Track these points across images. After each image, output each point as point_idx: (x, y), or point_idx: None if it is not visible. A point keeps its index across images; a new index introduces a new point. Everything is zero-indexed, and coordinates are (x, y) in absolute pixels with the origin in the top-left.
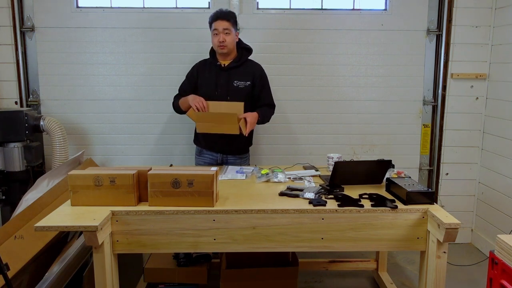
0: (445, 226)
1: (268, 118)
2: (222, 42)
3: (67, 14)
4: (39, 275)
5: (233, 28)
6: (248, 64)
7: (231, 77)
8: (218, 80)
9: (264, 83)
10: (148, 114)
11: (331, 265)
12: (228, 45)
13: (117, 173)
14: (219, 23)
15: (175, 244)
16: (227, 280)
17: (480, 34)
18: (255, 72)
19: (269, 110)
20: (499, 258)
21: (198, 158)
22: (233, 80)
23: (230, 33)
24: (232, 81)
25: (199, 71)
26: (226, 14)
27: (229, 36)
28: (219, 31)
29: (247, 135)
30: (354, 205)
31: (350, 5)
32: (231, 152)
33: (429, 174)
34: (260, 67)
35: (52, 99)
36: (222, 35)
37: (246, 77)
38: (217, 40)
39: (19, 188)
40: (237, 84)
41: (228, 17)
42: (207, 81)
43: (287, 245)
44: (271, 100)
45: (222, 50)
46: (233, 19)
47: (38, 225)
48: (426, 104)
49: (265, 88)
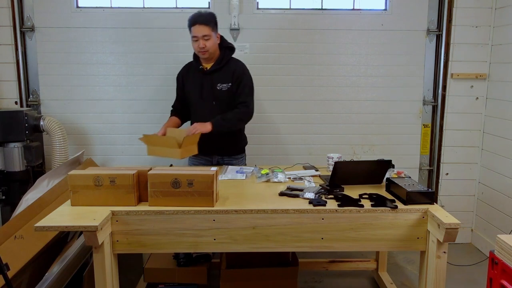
0: (445, 226)
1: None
2: (202, 48)
3: (67, 14)
4: (39, 275)
5: (213, 32)
6: (230, 65)
7: (214, 81)
8: (202, 84)
9: (241, 80)
10: (148, 114)
11: (331, 265)
12: (209, 50)
13: (117, 173)
14: (198, 28)
15: (175, 244)
16: (227, 280)
17: (480, 34)
18: (234, 71)
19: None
20: (499, 258)
21: (192, 159)
22: (216, 83)
23: (210, 38)
24: (216, 85)
25: (184, 77)
26: (204, 19)
27: (209, 41)
28: (198, 37)
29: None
30: (354, 205)
31: (350, 5)
32: (224, 153)
33: (429, 174)
34: (241, 65)
35: (52, 99)
36: (201, 41)
37: (227, 79)
38: (197, 46)
39: (19, 188)
40: (220, 87)
41: (206, 22)
42: (192, 87)
43: (287, 245)
44: (244, 98)
45: (203, 56)
46: (213, 22)
47: (38, 225)
48: (426, 104)
49: (240, 86)
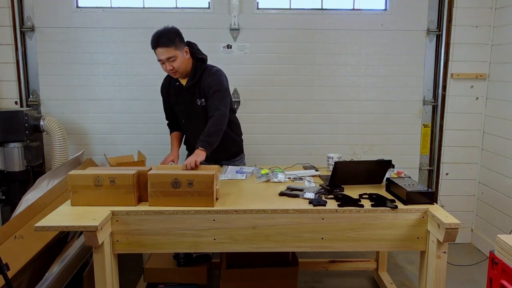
0: (445, 226)
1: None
2: (170, 70)
3: (67, 14)
4: (39, 275)
5: (179, 50)
6: (203, 78)
7: (193, 97)
8: (184, 100)
9: (209, 89)
10: (148, 114)
11: (331, 265)
12: (179, 69)
13: (117, 173)
14: (160, 51)
15: (175, 244)
16: (227, 280)
17: (480, 34)
18: (205, 86)
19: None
20: (499, 258)
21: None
22: (195, 99)
23: (176, 58)
24: (196, 100)
25: (167, 90)
26: (165, 40)
27: (176, 62)
28: (163, 60)
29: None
30: (354, 205)
31: (350, 5)
32: (222, 159)
33: (429, 174)
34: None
35: (52, 99)
36: (167, 64)
37: (202, 94)
38: (165, 68)
39: (19, 188)
40: (199, 102)
41: (168, 43)
42: (176, 102)
43: (287, 245)
44: (213, 103)
45: (175, 76)
46: (173, 41)
47: (38, 225)
48: (426, 104)
49: (209, 94)
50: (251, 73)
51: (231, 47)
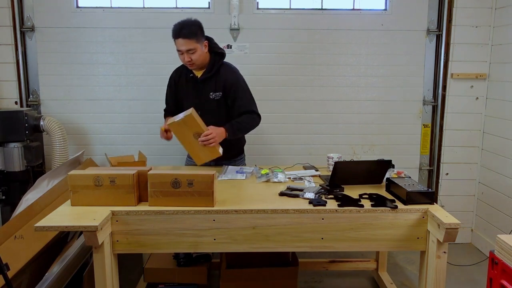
0: (445, 226)
1: (247, 128)
2: (188, 61)
3: (67, 14)
4: (39, 275)
5: (199, 44)
6: (221, 73)
7: (206, 89)
8: (195, 92)
9: (236, 90)
10: (148, 114)
11: (331, 265)
12: (196, 62)
13: (117, 173)
14: (181, 42)
15: (175, 244)
16: (227, 280)
17: (480, 34)
18: (225, 81)
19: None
20: (499, 258)
21: (189, 160)
22: (208, 92)
23: (195, 51)
24: (208, 94)
25: (176, 82)
26: (187, 32)
27: (195, 54)
28: (183, 51)
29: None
30: (354, 205)
31: (350, 5)
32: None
33: (429, 174)
34: (233, 73)
35: (52, 99)
36: (186, 55)
37: (219, 88)
38: (183, 59)
39: (19, 188)
40: (213, 96)
41: (190, 35)
42: (186, 95)
43: (287, 245)
44: (249, 107)
45: (191, 68)
46: (195, 34)
47: (38, 225)
48: (426, 104)
49: (238, 96)
50: (251, 73)
51: (231, 47)
